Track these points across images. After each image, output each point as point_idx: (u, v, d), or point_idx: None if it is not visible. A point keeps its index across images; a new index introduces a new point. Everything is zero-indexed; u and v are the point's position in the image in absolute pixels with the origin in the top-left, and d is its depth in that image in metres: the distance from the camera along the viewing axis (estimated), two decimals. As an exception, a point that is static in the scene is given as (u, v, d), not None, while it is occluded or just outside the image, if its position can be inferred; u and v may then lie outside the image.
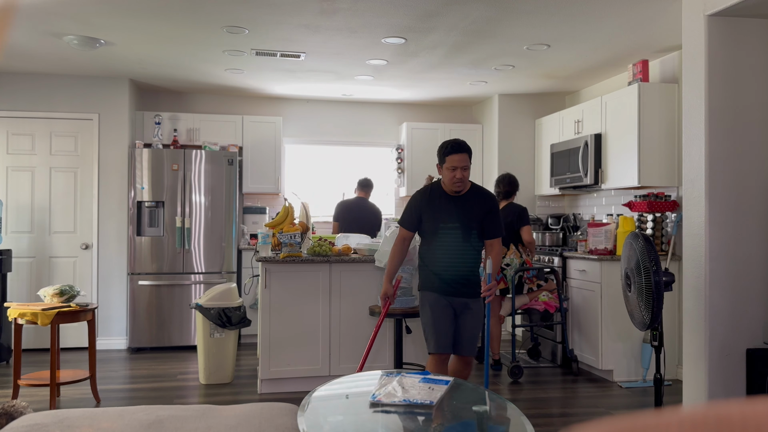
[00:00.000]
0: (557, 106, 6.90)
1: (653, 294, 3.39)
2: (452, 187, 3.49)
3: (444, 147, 3.50)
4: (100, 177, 6.16)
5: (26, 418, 2.29)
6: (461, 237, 3.52)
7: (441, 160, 3.50)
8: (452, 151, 3.45)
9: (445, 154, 3.47)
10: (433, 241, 3.56)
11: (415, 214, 3.62)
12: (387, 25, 4.48)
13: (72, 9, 4.21)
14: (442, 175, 3.53)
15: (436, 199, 3.57)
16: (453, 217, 3.52)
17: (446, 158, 3.45)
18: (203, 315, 4.81)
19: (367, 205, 6.15)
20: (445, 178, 3.51)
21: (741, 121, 3.67)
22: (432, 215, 3.55)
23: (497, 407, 2.50)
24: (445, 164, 3.47)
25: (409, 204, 3.66)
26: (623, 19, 4.35)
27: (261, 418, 2.27)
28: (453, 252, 3.54)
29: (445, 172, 3.49)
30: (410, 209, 3.64)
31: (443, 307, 3.53)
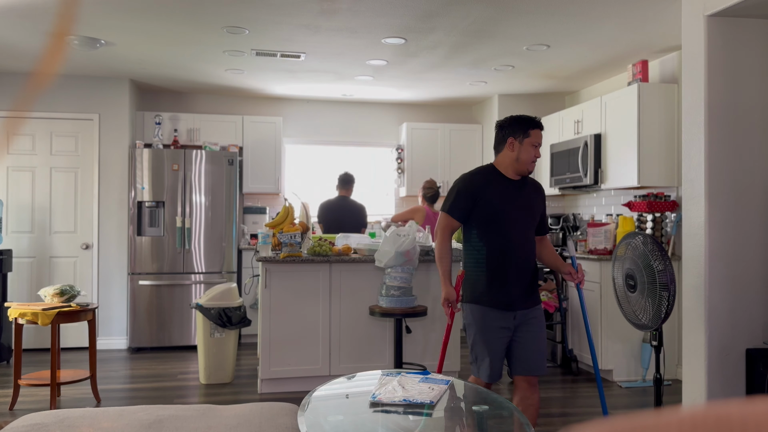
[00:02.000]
0: (557, 106, 6.90)
1: (669, 292, 3.36)
2: (529, 167, 3.02)
3: (528, 120, 3.04)
4: (101, 177, 6.16)
5: (26, 417, 2.29)
6: (527, 230, 3.05)
7: (522, 134, 3.00)
8: (538, 126, 3.03)
9: (530, 126, 3.01)
10: (494, 236, 2.98)
11: (470, 198, 3.00)
12: (387, 25, 4.49)
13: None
14: (519, 152, 3.00)
15: (497, 182, 3.03)
16: (520, 205, 3.02)
17: (531, 132, 3.00)
18: (203, 315, 4.81)
19: (349, 203, 6.01)
20: (524, 155, 2.99)
21: (741, 121, 3.68)
22: (494, 201, 2.98)
23: (497, 407, 2.50)
24: (528, 138, 2.99)
25: (458, 186, 3.07)
26: (623, 19, 4.35)
27: (261, 418, 2.27)
28: (522, 249, 3.02)
29: (526, 147, 2.99)
30: (462, 192, 3.03)
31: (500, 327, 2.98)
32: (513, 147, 3.02)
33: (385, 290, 4.15)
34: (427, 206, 5.95)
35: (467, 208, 3.01)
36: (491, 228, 2.98)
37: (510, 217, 2.98)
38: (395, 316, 4.12)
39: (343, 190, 6.02)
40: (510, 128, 3.05)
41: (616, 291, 3.67)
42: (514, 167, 3.03)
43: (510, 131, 3.04)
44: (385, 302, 4.12)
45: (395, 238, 4.09)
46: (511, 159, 3.03)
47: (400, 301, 4.08)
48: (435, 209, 5.87)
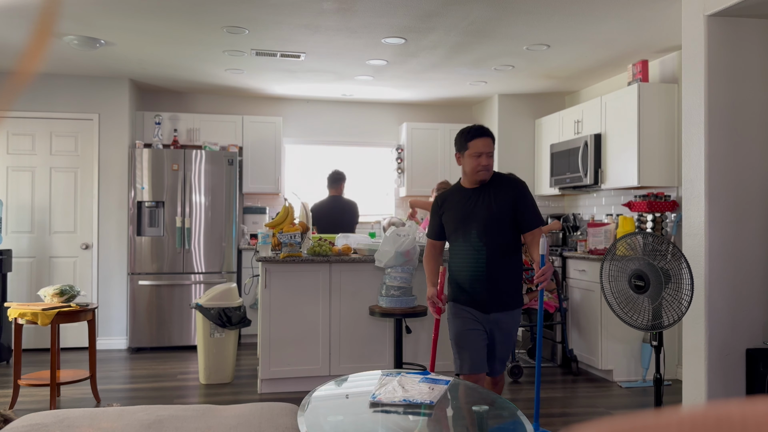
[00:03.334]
0: (557, 106, 6.90)
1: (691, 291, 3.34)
2: (476, 177, 3.14)
3: (465, 132, 3.16)
4: (101, 177, 6.16)
5: (26, 417, 2.29)
6: (493, 233, 3.12)
7: (462, 147, 3.16)
8: (476, 135, 3.12)
9: (467, 139, 3.13)
10: (458, 244, 3.19)
11: (436, 219, 3.29)
12: (387, 25, 4.49)
13: (72, 9, 4.21)
14: (464, 165, 3.17)
15: (454, 197, 3.23)
16: (475, 212, 3.14)
17: (469, 144, 3.12)
18: (203, 315, 4.81)
19: (340, 203, 5.97)
20: (467, 167, 3.15)
21: (741, 121, 3.68)
22: (452, 215, 3.20)
23: (497, 407, 2.50)
24: (467, 151, 3.13)
25: (431, 210, 3.38)
26: (623, 19, 4.35)
27: (261, 418, 2.27)
28: (477, 255, 3.13)
29: (467, 159, 3.14)
30: (431, 214, 3.36)
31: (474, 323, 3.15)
32: (459, 161, 3.22)
33: (385, 290, 4.15)
34: None
35: (437, 226, 3.29)
36: (454, 238, 3.20)
37: (468, 226, 3.13)
38: (395, 316, 4.12)
39: (333, 189, 5.95)
40: (456, 144, 3.22)
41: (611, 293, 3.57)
42: (468, 179, 3.22)
43: (456, 147, 3.23)
44: (385, 302, 4.12)
45: (395, 238, 4.09)
46: (464, 171, 3.21)
47: (400, 301, 4.08)
48: None
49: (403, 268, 4.10)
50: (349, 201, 6.02)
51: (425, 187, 7.06)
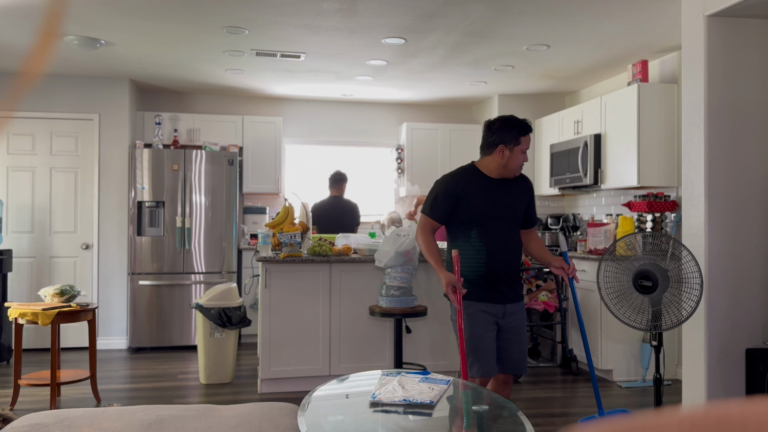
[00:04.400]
0: (557, 106, 6.91)
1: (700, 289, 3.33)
2: (514, 172, 3.03)
3: (519, 126, 3.00)
4: (101, 177, 6.16)
5: (26, 417, 2.29)
6: (511, 227, 3.06)
7: (512, 140, 2.98)
8: (528, 131, 3.02)
9: (520, 133, 2.98)
10: (477, 236, 3.00)
11: (449, 200, 3.02)
12: (387, 25, 4.49)
13: (73, 9, 4.21)
14: (506, 157, 2.99)
15: (474, 183, 3.04)
16: (501, 204, 3.03)
17: (522, 139, 2.99)
18: (203, 315, 4.81)
19: (341, 203, 5.99)
20: (511, 161, 2.99)
21: (741, 121, 3.68)
22: (473, 203, 3.00)
23: (497, 407, 2.50)
24: (518, 146, 2.98)
25: (438, 189, 3.08)
26: (623, 19, 4.35)
27: (261, 418, 2.27)
28: (505, 246, 3.04)
29: (514, 154, 2.99)
30: (441, 194, 3.05)
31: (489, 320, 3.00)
32: (503, 155, 3.00)
33: (385, 290, 4.15)
34: None
35: (447, 211, 3.03)
36: (474, 228, 3.00)
37: (492, 216, 2.99)
38: (395, 316, 4.12)
39: (334, 189, 5.99)
40: (501, 134, 3.00)
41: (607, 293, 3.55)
42: (499, 171, 3.04)
43: (500, 138, 3.00)
44: (385, 302, 4.12)
45: (395, 238, 4.09)
46: (499, 164, 3.02)
47: (400, 301, 4.08)
48: None
49: (403, 268, 4.10)
50: (349, 202, 6.03)
51: (425, 187, 7.06)
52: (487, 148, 3.06)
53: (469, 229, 3.02)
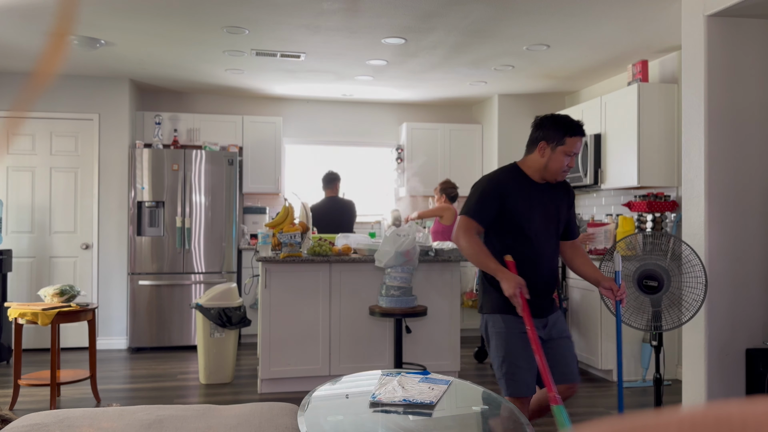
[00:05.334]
0: (557, 106, 6.90)
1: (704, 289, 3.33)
2: (556, 176, 2.75)
3: (566, 124, 2.72)
4: (101, 177, 6.16)
5: (26, 417, 2.29)
6: (552, 236, 2.81)
7: (556, 139, 2.70)
8: (577, 132, 2.71)
9: (566, 133, 2.69)
10: (518, 243, 2.72)
11: (496, 200, 2.71)
12: (387, 25, 4.49)
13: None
14: (548, 158, 2.72)
15: (518, 184, 2.76)
16: (547, 210, 2.77)
17: (567, 139, 2.69)
18: (203, 315, 4.81)
19: (337, 203, 6.00)
20: (553, 163, 2.71)
21: (740, 121, 3.68)
22: (519, 207, 2.72)
23: (497, 407, 2.50)
24: (562, 146, 2.69)
25: (483, 188, 2.76)
26: (623, 19, 4.35)
27: (261, 418, 2.27)
28: (547, 257, 2.78)
29: (556, 155, 2.70)
30: (488, 195, 2.73)
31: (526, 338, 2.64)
32: (543, 152, 2.73)
33: (385, 290, 4.15)
34: (452, 205, 6.00)
35: (493, 212, 2.71)
36: (515, 235, 2.72)
37: (534, 224, 2.72)
38: (395, 316, 4.12)
39: (329, 190, 6.01)
40: (544, 130, 2.73)
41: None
42: (540, 173, 2.77)
43: (543, 134, 2.73)
44: (385, 302, 4.12)
45: (395, 238, 4.09)
46: (539, 164, 2.75)
47: (400, 301, 4.08)
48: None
49: (403, 268, 4.10)
50: (346, 200, 6.05)
51: (425, 187, 7.06)
52: (529, 145, 2.81)
53: (510, 236, 2.74)
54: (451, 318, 4.81)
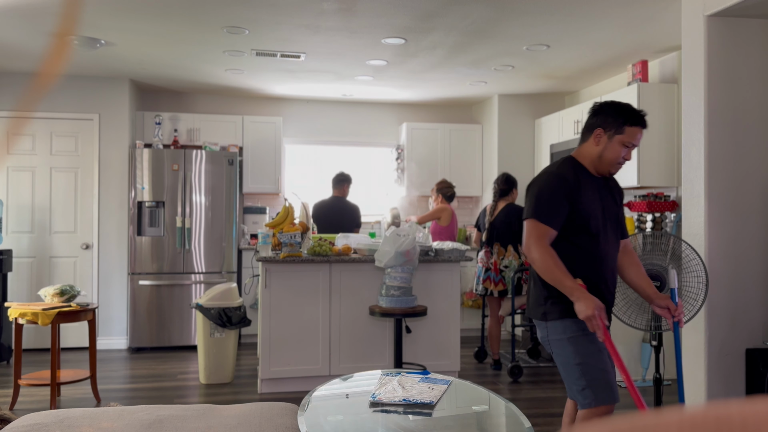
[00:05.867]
0: (557, 106, 6.91)
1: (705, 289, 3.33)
2: (611, 168, 2.54)
3: (627, 112, 2.49)
4: (101, 177, 6.16)
5: (26, 417, 2.29)
6: (614, 234, 2.59)
7: (614, 127, 2.48)
8: (638, 122, 2.49)
9: (626, 121, 2.47)
10: (585, 243, 2.50)
11: (566, 201, 2.46)
12: (387, 25, 4.49)
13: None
14: (604, 148, 2.51)
15: (584, 180, 2.52)
16: (608, 207, 2.56)
17: (626, 128, 2.48)
18: (203, 315, 4.81)
19: (343, 204, 6.01)
20: (608, 152, 2.50)
21: (740, 121, 3.68)
22: (586, 201, 2.48)
23: (497, 407, 2.50)
24: (620, 135, 2.48)
25: (551, 187, 2.48)
26: (623, 19, 4.35)
27: (261, 418, 2.27)
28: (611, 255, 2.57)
29: (613, 145, 2.49)
30: (557, 194, 2.46)
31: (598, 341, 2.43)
32: (599, 140, 2.51)
33: (385, 290, 4.15)
34: (449, 205, 6.02)
35: (564, 214, 2.46)
36: (582, 235, 2.49)
37: (598, 221, 2.50)
38: (395, 316, 4.12)
39: (337, 190, 6.02)
40: (602, 116, 2.51)
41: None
42: (594, 164, 2.55)
43: (601, 121, 2.51)
44: (385, 302, 4.12)
45: (395, 238, 4.10)
46: (593, 154, 2.53)
47: (400, 301, 4.08)
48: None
49: (403, 268, 4.10)
50: (350, 203, 6.05)
51: (426, 186, 7.06)
52: (584, 132, 2.58)
53: (577, 235, 2.49)
54: (451, 318, 4.81)
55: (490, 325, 5.42)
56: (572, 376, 2.45)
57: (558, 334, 2.48)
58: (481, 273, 5.35)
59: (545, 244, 2.42)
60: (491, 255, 5.31)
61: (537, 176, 2.59)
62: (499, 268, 5.27)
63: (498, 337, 5.41)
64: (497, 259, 5.28)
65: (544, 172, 2.58)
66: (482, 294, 5.36)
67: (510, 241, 5.28)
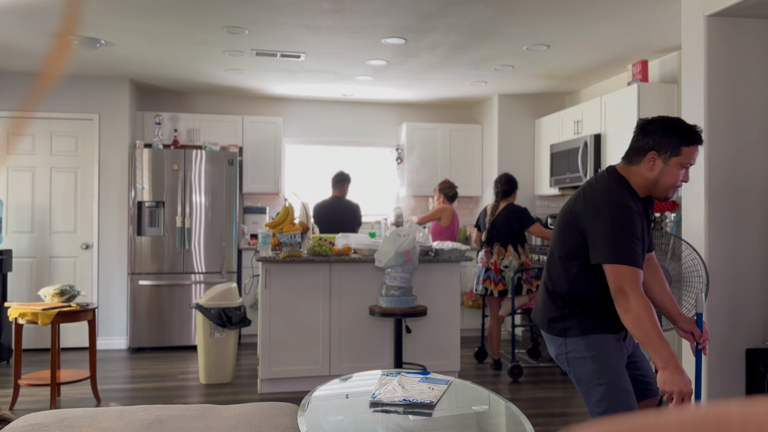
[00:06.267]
0: (557, 106, 6.91)
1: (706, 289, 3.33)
2: (667, 194, 2.31)
3: (681, 130, 2.24)
4: (101, 177, 6.16)
5: (26, 417, 2.29)
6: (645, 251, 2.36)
7: (671, 149, 2.22)
8: (696, 141, 2.24)
9: (684, 141, 2.22)
10: None
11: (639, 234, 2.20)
12: (387, 25, 4.49)
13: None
14: (659, 171, 2.24)
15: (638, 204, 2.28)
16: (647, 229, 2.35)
17: (683, 149, 2.22)
18: (203, 315, 4.81)
19: (343, 204, 6.03)
20: (665, 177, 2.25)
21: (740, 121, 3.68)
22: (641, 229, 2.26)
23: (497, 407, 2.50)
24: (678, 157, 2.23)
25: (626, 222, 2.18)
26: (623, 19, 4.35)
27: (261, 418, 2.27)
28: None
29: (671, 167, 2.23)
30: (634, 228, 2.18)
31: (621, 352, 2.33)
32: (653, 165, 2.24)
33: (385, 290, 4.15)
34: (450, 205, 6.03)
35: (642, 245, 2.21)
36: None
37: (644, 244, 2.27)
38: (395, 316, 4.12)
39: (336, 190, 6.04)
40: (655, 138, 2.24)
41: None
42: (647, 188, 2.29)
43: (654, 142, 2.24)
44: (385, 302, 4.12)
45: (395, 238, 4.10)
46: (648, 179, 2.27)
47: (400, 301, 4.08)
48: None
49: (403, 268, 4.10)
50: (350, 203, 6.06)
51: (425, 186, 7.06)
52: (634, 155, 2.29)
53: None
54: (451, 318, 4.81)
55: (490, 325, 5.42)
56: (593, 396, 2.27)
57: (580, 352, 2.29)
58: (481, 273, 5.35)
59: (642, 292, 2.13)
60: (491, 255, 5.31)
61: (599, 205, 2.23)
62: (499, 268, 5.27)
63: (498, 337, 5.41)
64: (497, 259, 5.28)
65: (610, 202, 2.22)
66: (482, 294, 5.36)
67: (510, 241, 5.28)
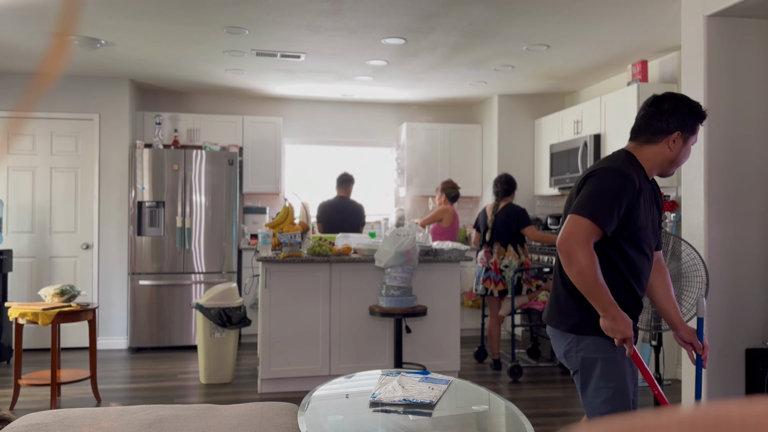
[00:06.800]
0: (557, 106, 6.91)
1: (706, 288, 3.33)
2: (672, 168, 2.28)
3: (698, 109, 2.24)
4: (101, 177, 6.16)
5: (26, 417, 2.29)
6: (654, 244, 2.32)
7: (690, 128, 2.22)
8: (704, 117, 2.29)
9: (700, 120, 2.25)
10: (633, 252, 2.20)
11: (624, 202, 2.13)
12: (387, 25, 4.49)
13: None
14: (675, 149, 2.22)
15: (644, 183, 2.22)
16: (652, 213, 2.27)
17: (699, 127, 2.27)
18: (204, 315, 4.81)
19: (347, 204, 6.06)
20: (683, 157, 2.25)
21: (740, 121, 3.68)
22: (643, 210, 2.18)
23: (497, 407, 2.50)
24: (694, 135, 2.25)
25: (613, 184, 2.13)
26: (623, 19, 4.35)
27: (261, 418, 2.27)
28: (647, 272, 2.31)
29: (687, 147, 2.26)
30: (618, 194, 2.13)
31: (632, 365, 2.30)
32: (674, 145, 2.22)
33: (385, 290, 4.15)
34: (452, 206, 6.04)
35: (619, 217, 2.14)
36: (631, 243, 2.20)
37: (648, 232, 2.23)
38: (395, 316, 4.13)
39: (341, 190, 6.07)
40: (681, 119, 2.20)
41: None
42: (661, 168, 2.27)
43: (679, 123, 2.20)
44: (385, 302, 4.12)
45: (395, 238, 4.10)
46: (665, 158, 2.24)
47: (400, 301, 4.08)
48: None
49: (403, 268, 4.11)
50: (355, 203, 6.11)
51: (426, 186, 7.06)
52: (653, 134, 2.23)
53: (626, 243, 2.19)
54: (451, 318, 4.81)
55: (490, 325, 5.42)
56: (597, 397, 2.21)
57: (591, 352, 2.21)
58: (481, 273, 5.35)
59: (591, 247, 2.10)
60: (491, 255, 5.31)
61: (596, 169, 2.21)
62: (499, 267, 5.27)
63: (498, 337, 5.41)
64: (497, 259, 5.28)
65: (606, 167, 2.20)
66: (482, 294, 5.36)
67: (510, 241, 5.28)
